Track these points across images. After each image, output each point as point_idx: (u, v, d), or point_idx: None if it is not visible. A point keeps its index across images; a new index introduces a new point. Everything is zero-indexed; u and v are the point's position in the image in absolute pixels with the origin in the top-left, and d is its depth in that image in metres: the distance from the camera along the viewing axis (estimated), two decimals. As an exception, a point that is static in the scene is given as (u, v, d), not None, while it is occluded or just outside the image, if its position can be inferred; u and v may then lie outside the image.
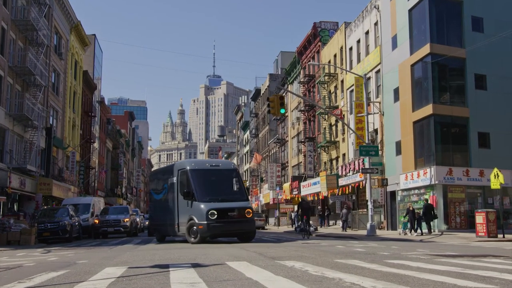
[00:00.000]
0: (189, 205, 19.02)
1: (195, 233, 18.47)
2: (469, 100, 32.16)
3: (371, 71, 39.40)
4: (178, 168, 20.90)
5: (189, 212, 18.85)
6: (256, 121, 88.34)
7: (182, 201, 19.63)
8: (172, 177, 21.06)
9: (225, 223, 18.54)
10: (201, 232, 18.25)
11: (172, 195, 20.76)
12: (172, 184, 21.01)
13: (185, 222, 19.12)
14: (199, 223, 18.27)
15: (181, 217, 19.70)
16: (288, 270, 7.77)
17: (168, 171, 22.63)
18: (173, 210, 20.46)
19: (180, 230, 19.93)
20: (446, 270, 7.53)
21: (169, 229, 21.24)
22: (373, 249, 14.03)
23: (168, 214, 21.09)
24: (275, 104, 24.52)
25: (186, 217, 19.12)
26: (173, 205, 20.54)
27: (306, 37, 56.92)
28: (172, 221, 20.49)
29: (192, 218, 18.61)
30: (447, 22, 33.27)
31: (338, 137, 46.80)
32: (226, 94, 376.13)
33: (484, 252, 13.15)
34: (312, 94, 55.34)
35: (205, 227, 18.16)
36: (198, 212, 18.47)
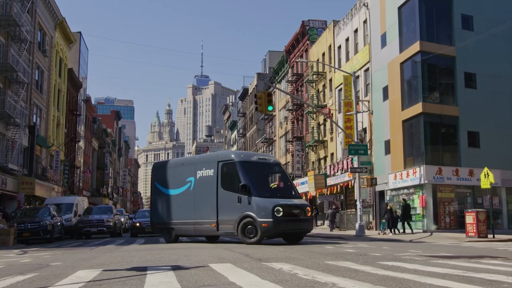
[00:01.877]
0: (242, 201, 17.01)
1: (253, 231, 16.67)
2: (459, 99, 31.83)
3: (360, 70, 38.98)
4: (219, 160, 18.58)
5: (242, 209, 16.92)
6: (244, 121, 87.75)
7: (227, 196, 17.66)
8: (205, 169, 18.79)
9: (290, 221, 17.05)
10: (264, 230, 16.51)
11: (207, 189, 18.43)
12: (205, 177, 18.68)
13: (232, 220, 17.17)
14: (262, 220, 16.46)
15: (224, 214, 17.65)
16: (276, 273, 7.18)
17: (198, 162, 20.03)
18: (207, 206, 18.27)
19: (221, 229, 17.78)
20: (447, 273, 6.99)
21: (196, 228, 18.95)
22: (364, 250, 13.51)
23: (196, 211, 18.82)
24: (263, 101, 23.93)
25: (235, 214, 17.13)
26: (208, 201, 18.27)
27: (294, 35, 56.42)
28: (205, 219, 18.30)
29: (248, 216, 16.73)
30: (436, 20, 32.93)
31: (326, 137, 46.34)
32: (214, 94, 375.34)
33: (479, 253, 12.67)
34: (300, 93, 54.85)
35: (270, 225, 16.46)
36: (259, 208, 16.69)
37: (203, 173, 18.94)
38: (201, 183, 18.93)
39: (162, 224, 20.63)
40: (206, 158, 20.77)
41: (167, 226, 20.33)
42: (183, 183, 19.76)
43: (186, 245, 17.51)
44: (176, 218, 19.91)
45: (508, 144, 32.32)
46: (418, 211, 30.65)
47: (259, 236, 16.59)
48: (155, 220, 21.30)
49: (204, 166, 19.03)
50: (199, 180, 19.03)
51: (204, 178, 18.85)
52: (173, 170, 21.00)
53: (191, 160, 22.24)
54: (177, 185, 20.11)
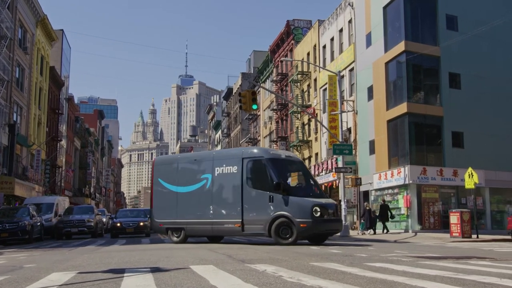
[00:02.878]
0: (274, 200, 16.31)
1: (288, 232, 16.01)
2: (443, 99, 31.83)
3: (345, 69, 38.86)
4: (245, 156, 17.59)
5: (275, 209, 16.24)
6: (228, 121, 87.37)
7: (255, 195, 16.88)
8: (226, 166, 17.79)
9: (326, 221, 16.45)
10: (302, 231, 15.93)
11: (228, 187, 17.69)
12: (226, 174, 17.72)
13: (262, 220, 16.44)
14: (301, 221, 15.85)
15: (251, 213, 16.86)
16: (260, 276, 6.86)
17: (216, 158, 18.71)
18: (229, 205, 17.53)
19: (247, 229, 16.93)
20: (438, 275, 6.73)
21: (214, 228, 17.91)
22: (350, 251, 13.26)
23: (215, 210, 17.79)
24: (247, 99, 23.60)
25: (265, 214, 16.40)
26: (230, 199, 17.55)
27: (279, 35, 56.21)
28: (227, 218, 17.44)
29: (283, 216, 16.07)
30: (421, 20, 32.90)
31: (311, 136, 46.17)
32: (198, 94, 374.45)
33: (466, 254, 12.49)
34: (285, 93, 54.65)
35: (309, 225, 15.91)
36: (297, 208, 16.07)
37: (224, 170, 17.88)
38: (221, 180, 17.97)
39: (168, 223, 19.10)
40: (226, 154, 19.60)
41: (175, 226, 18.92)
42: (197, 180, 18.58)
43: (169, 246, 17.12)
44: (188, 218, 18.56)
45: (491, 144, 32.39)
46: (403, 211, 30.58)
47: (295, 236, 16.03)
48: (157, 220, 19.55)
49: (225, 163, 17.97)
50: (218, 177, 17.99)
51: (224, 175, 17.85)
52: (182, 166, 19.69)
53: (206, 156, 20.54)
54: (188, 182, 18.84)
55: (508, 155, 32.83)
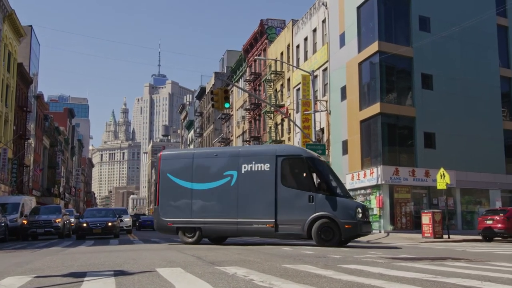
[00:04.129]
0: (315, 200, 15.88)
1: (331, 233, 15.68)
2: (416, 100, 31.93)
3: (318, 69, 38.73)
4: (279, 154, 16.87)
5: (317, 209, 15.81)
6: (201, 120, 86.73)
7: (292, 194, 16.32)
8: (256, 163, 16.93)
9: (365, 223, 16.27)
10: (347, 232, 15.68)
11: (259, 186, 16.79)
12: (256, 172, 16.85)
13: (300, 220, 15.93)
14: (346, 221, 15.58)
15: (286, 213, 16.23)
16: (229, 279, 6.47)
17: (244, 154, 17.74)
18: (259, 204, 16.72)
19: (282, 230, 16.25)
20: (416, 278, 6.44)
21: (240, 228, 16.98)
22: (323, 252, 12.96)
23: (241, 209, 16.85)
24: (219, 97, 23.18)
25: (304, 214, 15.89)
26: (261, 199, 16.71)
27: (253, 34, 55.91)
28: (256, 218, 16.63)
29: (325, 216, 15.70)
30: (395, 20, 33.00)
31: (284, 136, 45.95)
32: (171, 94, 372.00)
33: (440, 255, 12.32)
34: (258, 92, 54.36)
35: (354, 226, 15.70)
36: (342, 209, 15.82)
37: (253, 167, 16.97)
38: (249, 178, 16.96)
39: (180, 223, 17.68)
40: (256, 151, 18.47)
41: (189, 225, 17.60)
42: (219, 176, 17.42)
43: (138, 247, 16.58)
44: (206, 217, 17.37)
45: (462, 145, 32.62)
46: (375, 212, 30.52)
47: (339, 238, 15.70)
48: (165, 218, 17.86)
49: (254, 160, 17.04)
50: (246, 174, 16.99)
51: (253, 173, 16.93)
52: (199, 161, 18.21)
53: (230, 151, 19.64)
54: (207, 179, 17.58)
55: (479, 156, 33.12)
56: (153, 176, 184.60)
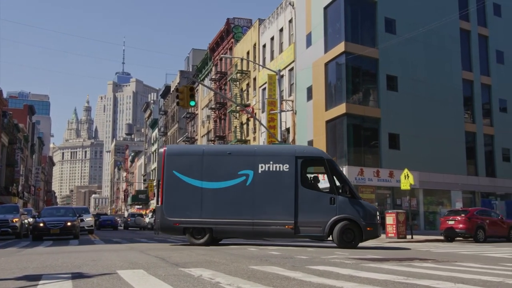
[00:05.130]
0: (336, 202, 15.92)
1: (352, 235, 15.80)
2: (381, 101, 32.14)
3: (285, 69, 38.63)
4: (299, 155, 16.67)
5: (338, 211, 15.89)
6: (165, 119, 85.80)
7: (313, 196, 16.25)
8: (274, 163, 16.57)
9: (380, 225, 16.71)
10: (368, 234, 15.94)
11: (277, 186, 16.45)
12: (275, 172, 16.48)
13: (320, 222, 15.89)
14: (367, 224, 15.83)
15: (307, 215, 16.06)
16: (194, 282, 6.15)
17: (260, 153, 17.27)
18: (277, 205, 16.42)
19: (302, 231, 16.08)
20: (388, 280, 6.26)
21: (256, 229, 16.61)
22: (289, 252, 12.76)
23: (258, 210, 16.44)
24: (185, 95, 22.77)
25: (325, 216, 15.90)
26: (280, 199, 16.42)
27: (219, 33, 55.51)
28: (274, 219, 16.26)
29: (347, 218, 15.81)
30: (361, 22, 33.15)
31: (249, 136, 45.72)
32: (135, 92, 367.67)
33: (407, 255, 12.26)
34: (224, 91, 53.99)
35: (375, 229, 16.06)
36: (365, 212, 16.08)
37: (271, 167, 16.59)
38: (267, 178, 16.56)
39: (188, 223, 16.87)
40: (273, 151, 17.77)
41: (198, 225, 16.85)
42: (233, 175, 16.82)
43: (99, 247, 16.05)
44: (218, 217, 16.69)
45: (425, 146, 33.02)
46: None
47: (360, 240, 15.92)
48: (171, 218, 16.90)
49: (272, 160, 16.65)
50: (263, 174, 16.57)
51: (271, 173, 16.54)
52: (210, 159, 17.44)
53: (244, 150, 19.01)
54: (219, 177, 16.91)
55: (441, 158, 33.60)
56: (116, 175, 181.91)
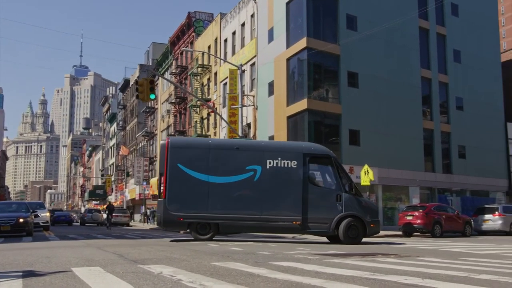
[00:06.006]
0: (342, 200, 16.33)
1: (356, 232, 16.27)
2: (342, 97, 32.27)
3: (246, 64, 38.39)
4: (306, 152, 16.91)
5: (344, 208, 16.29)
6: (124, 113, 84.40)
7: (320, 193, 16.73)
8: (282, 160, 16.63)
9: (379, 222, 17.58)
10: (372, 231, 16.63)
11: (285, 182, 16.60)
12: (283, 168, 16.57)
13: (327, 219, 16.24)
14: (371, 221, 16.54)
15: (312, 211, 16.29)
16: (155, 280, 5.86)
17: (268, 149, 17.25)
18: (285, 201, 16.57)
19: (308, 228, 16.33)
20: (355, 276, 6.11)
21: (263, 224, 16.63)
22: (251, 248, 12.57)
23: (265, 206, 16.46)
24: (145, 88, 22.24)
25: (331, 212, 16.26)
26: (287, 195, 16.57)
27: (180, 27, 54.83)
28: (281, 215, 16.39)
29: (352, 215, 16.29)
30: (323, 18, 33.18)
31: (210, 131, 45.33)
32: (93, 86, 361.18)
33: (368, 250, 12.24)
34: (184, 86, 53.35)
35: (377, 225, 16.88)
36: (369, 209, 16.88)
37: (279, 163, 16.66)
38: (275, 174, 16.64)
39: (193, 218, 16.55)
40: (282, 147, 18.09)
41: (204, 220, 16.57)
42: (240, 170, 16.70)
43: (53, 244, 15.46)
44: (225, 212, 16.52)
45: (385, 143, 33.35)
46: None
47: (363, 236, 16.44)
48: (175, 213, 16.46)
49: (280, 156, 16.75)
50: (271, 170, 16.62)
51: (280, 169, 16.64)
52: (217, 152, 17.22)
53: (252, 145, 18.60)
54: (227, 172, 16.75)
55: (400, 154, 34.04)
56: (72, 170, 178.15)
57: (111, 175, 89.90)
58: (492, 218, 28.88)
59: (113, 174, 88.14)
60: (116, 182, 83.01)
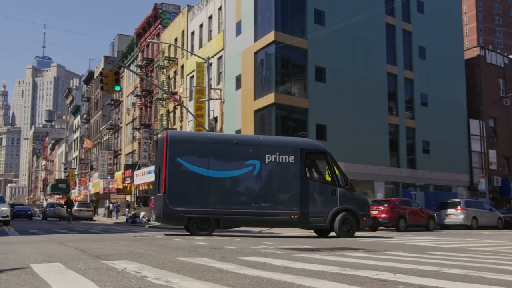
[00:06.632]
0: (337, 194, 16.84)
1: (350, 225, 16.88)
2: (309, 92, 32.30)
3: (213, 57, 38.05)
4: (303, 147, 17.18)
5: (339, 202, 16.82)
6: (88, 106, 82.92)
7: (317, 187, 17.02)
8: (280, 155, 16.79)
9: None
10: (364, 224, 17.47)
11: (283, 177, 16.91)
12: (280, 163, 16.77)
13: (323, 212, 16.69)
14: (364, 214, 17.17)
15: (309, 205, 16.65)
16: (119, 276, 5.61)
17: (266, 144, 17.32)
18: (283, 195, 16.90)
19: (305, 221, 16.63)
20: (326, 271, 5.98)
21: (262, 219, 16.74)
22: (217, 243, 12.37)
23: (264, 200, 16.60)
24: (110, 80, 21.71)
25: (327, 206, 16.73)
26: (285, 190, 16.91)
27: (146, 18, 54.06)
28: (280, 210, 16.56)
29: (347, 209, 16.85)
30: (291, 12, 33.10)
31: (176, 125, 44.86)
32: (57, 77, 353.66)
33: (336, 245, 12.19)
34: (151, 78, 52.64)
35: (368, 219, 17.62)
36: (362, 203, 17.51)
37: (277, 158, 16.83)
38: (273, 169, 16.91)
39: (194, 212, 16.36)
40: (279, 142, 18.20)
41: (204, 215, 16.41)
42: (240, 165, 16.75)
43: (12, 239, 14.93)
44: (225, 207, 16.51)
45: (351, 138, 33.54)
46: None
47: (356, 229, 17.01)
48: (175, 208, 16.21)
49: (278, 151, 16.91)
50: (269, 165, 16.82)
51: (278, 164, 16.86)
52: (217, 147, 17.14)
53: (251, 140, 18.67)
54: (227, 167, 16.78)
55: (366, 149, 34.29)
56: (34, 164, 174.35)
57: (75, 169, 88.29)
58: (454, 213, 29.38)
59: (77, 167, 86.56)
60: (80, 176, 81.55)
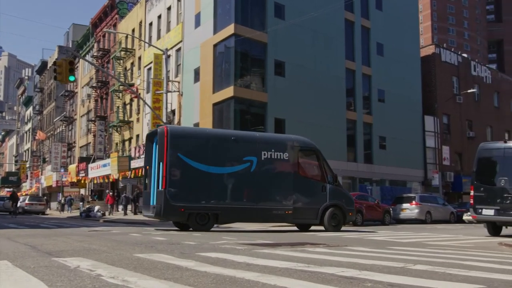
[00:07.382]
0: (326, 190, 17.62)
1: (337, 219, 17.75)
2: (268, 86, 32.20)
3: (172, 49, 37.42)
4: (295, 144, 17.79)
5: (329, 198, 17.62)
6: (41, 97, 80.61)
7: (308, 183, 17.66)
8: (275, 151, 17.20)
9: None
10: (350, 218, 18.50)
11: (277, 173, 17.33)
12: (275, 159, 17.20)
13: (314, 208, 17.42)
14: (350, 209, 18.14)
15: (302, 201, 17.46)
16: (71, 275, 5.26)
17: (261, 141, 17.70)
18: (278, 191, 17.26)
19: (298, 216, 17.47)
20: (290, 268, 5.79)
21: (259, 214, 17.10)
22: (175, 238, 12.07)
23: (261, 196, 17.03)
24: (64, 69, 20.99)
25: (318, 202, 17.48)
26: (280, 186, 17.28)
27: (102, 8, 52.84)
28: (276, 205, 17.13)
29: (335, 205, 17.72)
30: (252, 5, 32.90)
31: (133, 117, 44.06)
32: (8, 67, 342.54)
33: (296, 240, 12.08)
34: (107, 69, 51.48)
35: (353, 213, 18.77)
36: (348, 199, 18.38)
37: (272, 155, 17.27)
38: (269, 165, 17.29)
39: (195, 208, 16.25)
40: (273, 138, 18.85)
41: (205, 211, 16.37)
42: (238, 161, 16.92)
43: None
44: (225, 203, 16.62)
45: (309, 132, 33.41)
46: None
47: (342, 224, 17.90)
48: (176, 203, 15.99)
49: (273, 148, 17.36)
50: (265, 161, 17.17)
51: (273, 160, 17.30)
52: (216, 143, 17.19)
53: (248, 136, 18.90)
54: (226, 163, 16.84)
55: (324, 144, 33.91)
56: None
57: (26, 161, 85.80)
58: (409, 207, 29.86)
59: (28, 160, 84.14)
60: (32, 169, 79.27)
